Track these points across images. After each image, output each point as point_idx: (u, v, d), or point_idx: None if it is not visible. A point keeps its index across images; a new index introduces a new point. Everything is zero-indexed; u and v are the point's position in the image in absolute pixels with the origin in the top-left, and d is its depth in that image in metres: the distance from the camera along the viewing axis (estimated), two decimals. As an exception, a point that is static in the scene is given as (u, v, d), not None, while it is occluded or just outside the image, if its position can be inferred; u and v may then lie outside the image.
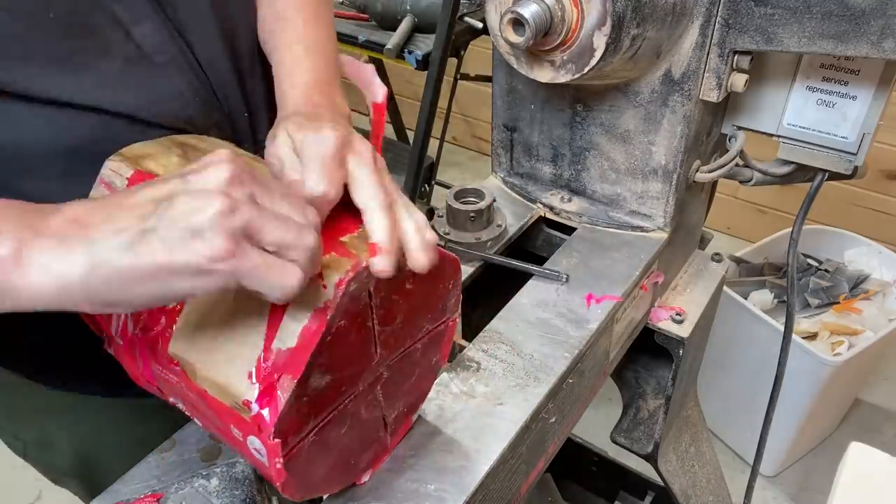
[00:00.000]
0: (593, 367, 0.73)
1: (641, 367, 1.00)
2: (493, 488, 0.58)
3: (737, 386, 1.68)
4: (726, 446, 1.79)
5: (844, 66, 0.69)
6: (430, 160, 1.92)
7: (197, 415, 0.49)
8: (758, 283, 1.72)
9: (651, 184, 0.79)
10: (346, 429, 0.49)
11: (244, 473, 0.50)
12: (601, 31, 0.62)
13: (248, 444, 0.44)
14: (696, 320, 0.88)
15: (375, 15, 1.82)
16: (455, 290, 0.54)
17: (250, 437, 0.43)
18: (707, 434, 1.18)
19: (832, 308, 1.70)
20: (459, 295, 0.56)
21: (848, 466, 0.54)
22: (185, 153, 0.53)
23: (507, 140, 0.88)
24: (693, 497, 1.10)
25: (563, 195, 0.87)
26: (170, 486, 0.47)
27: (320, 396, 0.44)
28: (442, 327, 0.55)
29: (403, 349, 0.51)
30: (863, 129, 0.70)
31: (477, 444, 0.57)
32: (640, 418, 1.00)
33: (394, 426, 0.55)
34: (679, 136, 0.74)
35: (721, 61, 0.69)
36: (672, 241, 0.83)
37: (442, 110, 1.96)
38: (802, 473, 1.74)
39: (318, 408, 0.44)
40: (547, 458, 0.70)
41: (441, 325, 0.55)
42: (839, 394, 1.69)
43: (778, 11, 0.63)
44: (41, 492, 1.75)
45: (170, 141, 0.55)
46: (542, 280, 0.74)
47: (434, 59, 1.68)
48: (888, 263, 1.72)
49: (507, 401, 0.61)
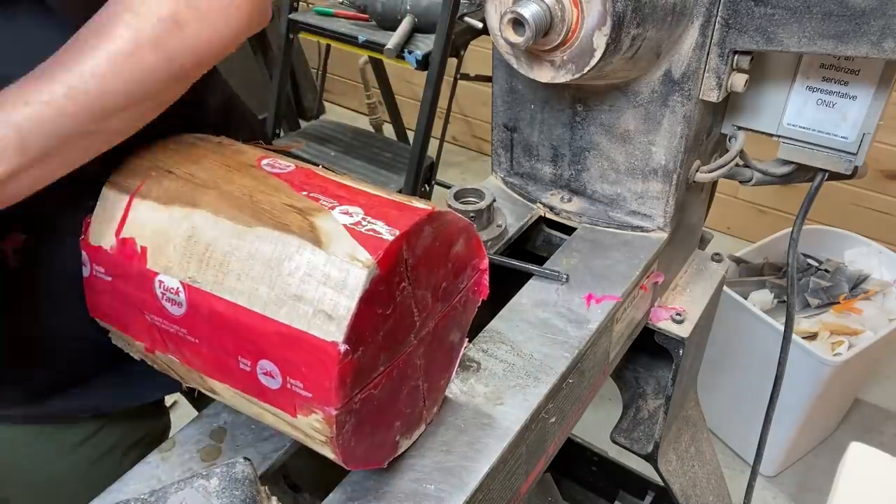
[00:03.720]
0: (593, 367, 0.73)
1: (641, 367, 1.00)
2: (493, 488, 0.58)
3: (737, 386, 1.68)
4: (726, 446, 1.80)
5: (844, 66, 0.69)
6: (430, 160, 1.93)
7: (208, 345, 0.50)
8: (758, 283, 1.72)
9: (651, 184, 0.79)
10: (391, 391, 0.51)
11: (244, 473, 0.50)
12: (601, 31, 0.62)
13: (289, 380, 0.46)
14: (696, 320, 0.88)
15: (375, 15, 1.83)
16: (471, 265, 0.57)
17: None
18: (707, 434, 1.18)
19: (832, 308, 1.70)
20: (479, 275, 0.59)
21: (848, 466, 0.54)
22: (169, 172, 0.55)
23: (507, 140, 0.88)
24: (693, 497, 1.10)
25: (563, 195, 0.87)
26: (170, 486, 0.47)
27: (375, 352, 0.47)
28: (462, 302, 0.57)
29: (438, 314, 0.54)
30: (863, 129, 0.70)
31: (477, 444, 0.57)
32: (640, 418, 1.00)
33: (428, 400, 0.57)
34: (679, 136, 0.74)
35: (721, 61, 0.69)
36: (672, 241, 0.83)
37: (442, 110, 1.97)
38: (802, 473, 1.74)
39: (370, 367, 0.47)
40: (547, 458, 0.70)
41: (458, 300, 0.57)
42: (839, 394, 1.69)
43: (778, 11, 0.63)
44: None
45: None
46: (542, 280, 0.74)
47: (434, 59, 1.68)
48: (888, 263, 1.72)
49: (507, 401, 0.61)
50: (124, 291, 0.54)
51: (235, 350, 0.48)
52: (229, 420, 0.60)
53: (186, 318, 0.50)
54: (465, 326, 0.60)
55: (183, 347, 0.53)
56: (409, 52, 1.73)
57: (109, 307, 0.57)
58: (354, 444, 0.48)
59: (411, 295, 0.49)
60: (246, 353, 0.47)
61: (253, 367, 0.48)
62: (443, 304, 0.54)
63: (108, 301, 0.56)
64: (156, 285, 0.51)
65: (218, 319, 0.48)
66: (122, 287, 0.54)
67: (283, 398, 0.47)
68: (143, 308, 0.53)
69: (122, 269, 0.53)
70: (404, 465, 0.56)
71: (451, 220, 0.52)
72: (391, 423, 0.53)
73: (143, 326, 0.55)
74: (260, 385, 0.48)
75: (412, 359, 0.52)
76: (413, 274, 0.48)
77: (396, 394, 0.52)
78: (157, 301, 0.51)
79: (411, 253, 0.47)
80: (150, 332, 0.55)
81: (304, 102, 2.97)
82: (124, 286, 0.54)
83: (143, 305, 0.53)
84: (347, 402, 0.45)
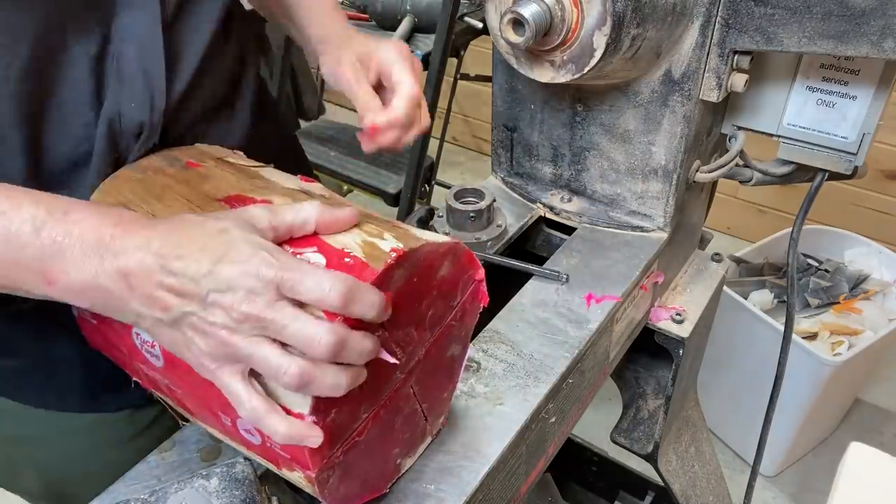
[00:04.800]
0: (593, 367, 0.73)
1: (641, 367, 1.00)
2: (493, 488, 0.58)
3: (737, 386, 1.68)
4: (726, 446, 1.79)
5: (844, 66, 0.69)
6: (430, 160, 1.92)
7: (191, 397, 0.49)
8: (758, 283, 1.72)
9: (651, 184, 0.79)
10: (381, 430, 0.49)
11: (244, 473, 0.50)
12: (601, 31, 0.62)
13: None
14: (696, 320, 0.88)
15: (375, 15, 1.82)
16: (463, 281, 0.52)
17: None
18: (707, 434, 1.18)
19: (832, 308, 1.70)
20: (476, 286, 0.54)
21: (848, 466, 0.54)
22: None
23: (507, 140, 0.88)
24: (693, 497, 1.10)
25: (563, 195, 0.87)
26: (170, 486, 0.47)
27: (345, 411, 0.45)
28: (458, 317, 0.53)
29: (428, 341, 0.51)
30: (863, 129, 0.70)
31: (477, 444, 0.57)
32: (640, 418, 1.00)
33: (430, 416, 0.55)
34: (679, 136, 0.74)
35: (721, 61, 0.69)
36: (672, 241, 0.83)
37: (442, 110, 1.97)
38: (802, 473, 1.74)
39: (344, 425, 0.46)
40: (547, 458, 0.70)
41: (453, 317, 0.53)
42: (839, 394, 1.69)
43: (778, 11, 0.63)
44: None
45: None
46: (542, 280, 0.74)
47: (434, 59, 1.68)
48: (888, 263, 1.72)
49: (507, 401, 0.61)
50: (109, 337, 0.53)
51: (216, 405, 0.46)
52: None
53: (167, 371, 0.49)
54: (465, 337, 0.56)
55: (171, 394, 0.52)
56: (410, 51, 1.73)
57: (103, 347, 0.56)
58: (345, 490, 0.48)
59: (388, 339, 0.46)
60: (225, 409, 0.46)
61: (233, 423, 0.47)
62: (432, 331, 0.51)
63: (100, 341, 0.55)
64: (133, 336, 0.50)
65: (196, 376, 0.45)
66: (106, 331, 0.53)
67: (266, 453, 0.47)
68: (131, 354, 0.52)
69: (101, 315, 0.50)
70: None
71: (429, 252, 0.46)
72: (388, 452, 0.51)
73: (133, 369, 0.54)
74: (243, 438, 0.47)
75: (402, 392, 0.50)
76: (387, 321, 0.44)
77: (389, 429, 0.50)
78: (139, 351, 0.50)
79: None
80: (139, 375, 0.54)
81: (304, 102, 2.97)
82: (107, 331, 0.53)
83: (130, 351, 0.51)
84: (326, 461, 0.44)
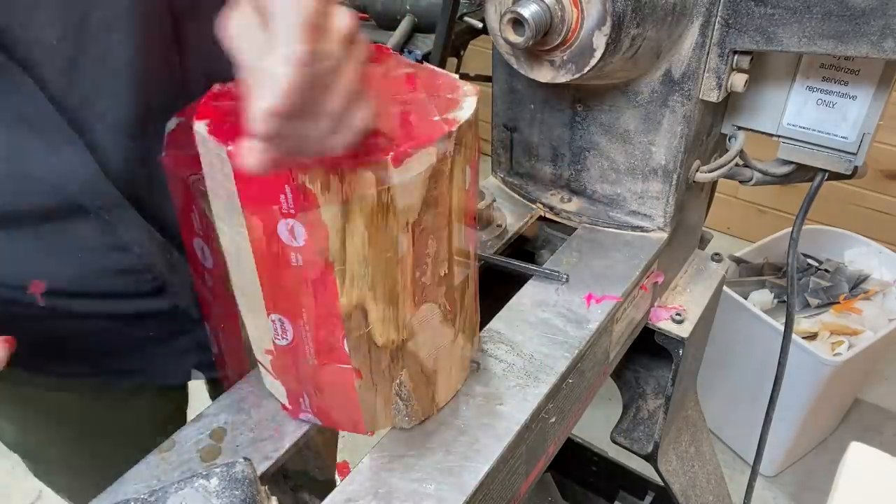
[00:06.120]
0: (593, 367, 0.73)
1: (641, 367, 1.00)
2: (493, 488, 0.58)
3: (737, 386, 1.68)
4: (726, 446, 1.79)
5: (844, 66, 0.69)
6: (430, 160, 1.92)
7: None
8: (758, 283, 1.72)
9: (651, 184, 0.79)
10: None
11: (244, 473, 0.50)
12: (601, 30, 0.62)
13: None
14: (696, 320, 0.88)
15: (375, 15, 1.82)
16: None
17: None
18: (707, 434, 1.18)
19: (832, 308, 1.70)
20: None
21: (848, 466, 0.54)
22: None
23: (506, 140, 0.88)
24: (693, 497, 1.10)
25: (563, 195, 0.87)
26: (170, 486, 0.47)
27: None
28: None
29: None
30: (863, 129, 0.70)
31: (477, 444, 0.57)
32: (640, 418, 1.00)
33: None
34: (679, 136, 0.74)
35: (721, 61, 0.69)
36: (672, 241, 0.83)
37: (442, 110, 1.96)
38: (802, 473, 1.74)
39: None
40: (547, 458, 0.70)
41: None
42: (839, 394, 1.69)
43: (778, 11, 0.63)
44: (41, 492, 1.75)
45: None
46: (542, 280, 0.74)
47: (434, 59, 1.68)
48: (888, 263, 1.72)
49: (507, 401, 0.61)
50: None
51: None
52: (229, 420, 0.60)
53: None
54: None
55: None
56: (409, 51, 1.73)
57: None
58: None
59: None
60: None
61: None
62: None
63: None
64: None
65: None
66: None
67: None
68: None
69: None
70: (404, 465, 0.56)
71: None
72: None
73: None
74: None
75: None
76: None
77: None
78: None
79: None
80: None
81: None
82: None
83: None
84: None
